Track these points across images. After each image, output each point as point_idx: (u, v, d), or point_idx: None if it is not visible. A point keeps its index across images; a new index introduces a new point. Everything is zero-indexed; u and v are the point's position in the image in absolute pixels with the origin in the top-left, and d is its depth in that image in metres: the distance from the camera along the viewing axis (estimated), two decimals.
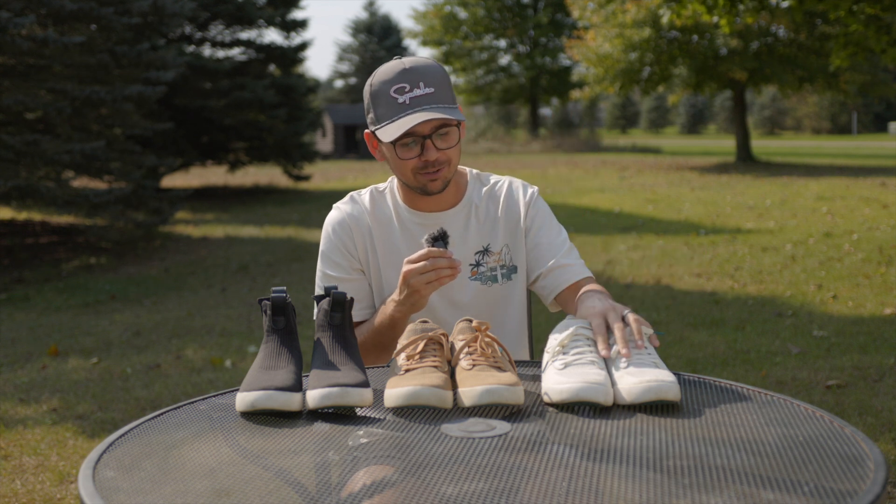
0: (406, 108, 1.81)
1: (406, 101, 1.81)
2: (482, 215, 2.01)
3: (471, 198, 2.02)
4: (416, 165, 1.87)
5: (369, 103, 1.88)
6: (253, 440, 1.37)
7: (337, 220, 2.02)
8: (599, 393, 1.44)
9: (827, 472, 1.17)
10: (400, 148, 1.85)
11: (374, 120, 1.88)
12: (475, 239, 2.00)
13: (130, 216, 10.17)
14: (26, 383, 4.65)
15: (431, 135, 1.83)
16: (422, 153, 1.85)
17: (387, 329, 1.87)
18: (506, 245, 2.00)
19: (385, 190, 2.05)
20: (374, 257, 2.00)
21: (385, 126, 1.84)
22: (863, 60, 10.11)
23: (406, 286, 1.74)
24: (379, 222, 2.01)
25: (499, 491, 1.12)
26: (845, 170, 20.18)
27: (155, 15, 10.37)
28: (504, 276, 2.00)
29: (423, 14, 36.86)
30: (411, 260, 1.72)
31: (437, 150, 1.85)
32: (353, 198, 2.05)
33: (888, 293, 6.27)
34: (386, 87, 1.83)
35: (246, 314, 6.35)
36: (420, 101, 1.81)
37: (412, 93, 1.81)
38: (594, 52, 22.04)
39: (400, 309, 1.81)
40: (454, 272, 1.70)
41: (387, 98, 1.83)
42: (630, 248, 8.93)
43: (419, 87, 1.82)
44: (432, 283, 1.72)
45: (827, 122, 57.83)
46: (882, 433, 3.53)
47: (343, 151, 33.09)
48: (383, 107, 1.84)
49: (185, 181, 19.65)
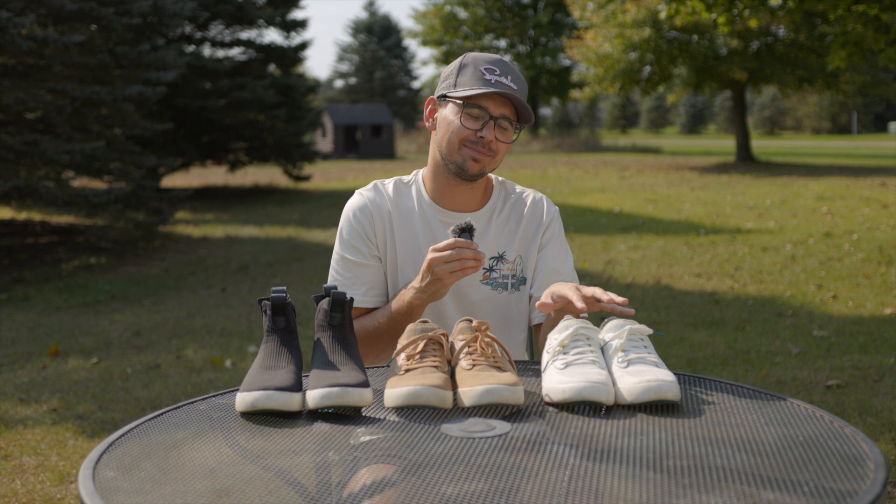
0: (490, 85, 1.87)
1: (492, 80, 1.88)
2: (502, 223, 2.03)
3: (495, 203, 2.04)
4: (469, 137, 1.90)
5: (453, 70, 1.93)
6: (253, 440, 1.37)
7: (358, 205, 2.02)
8: (601, 392, 1.44)
9: (827, 472, 1.17)
10: (466, 115, 1.89)
11: (452, 85, 1.92)
12: (493, 244, 2.01)
13: (130, 216, 10.16)
14: (26, 383, 4.65)
15: (499, 118, 1.88)
16: (482, 129, 1.89)
17: (403, 316, 1.88)
18: (519, 256, 2.02)
19: (410, 182, 2.06)
20: (391, 247, 2.00)
21: (464, 91, 1.88)
22: (860, 61, 10.10)
23: (430, 273, 1.77)
24: (401, 213, 2.01)
25: (499, 491, 1.12)
26: (845, 170, 20.18)
27: (155, 15, 10.37)
28: (513, 287, 2.02)
29: (423, 14, 36.88)
30: (437, 248, 1.75)
31: (494, 135, 1.89)
32: (376, 186, 2.05)
33: (888, 293, 6.27)
34: (479, 63, 1.90)
35: (246, 314, 6.35)
36: (503, 88, 1.87)
37: (500, 78, 1.88)
38: (594, 52, 22.05)
39: (420, 296, 1.83)
40: (478, 264, 1.74)
41: (476, 72, 1.89)
42: (630, 248, 8.93)
43: (507, 78, 1.89)
44: (455, 273, 1.75)
45: (827, 122, 57.83)
46: (882, 433, 3.53)
47: (343, 151, 33.06)
48: (469, 76, 1.89)
49: (185, 181, 19.64)
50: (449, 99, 1.91)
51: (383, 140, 32.81)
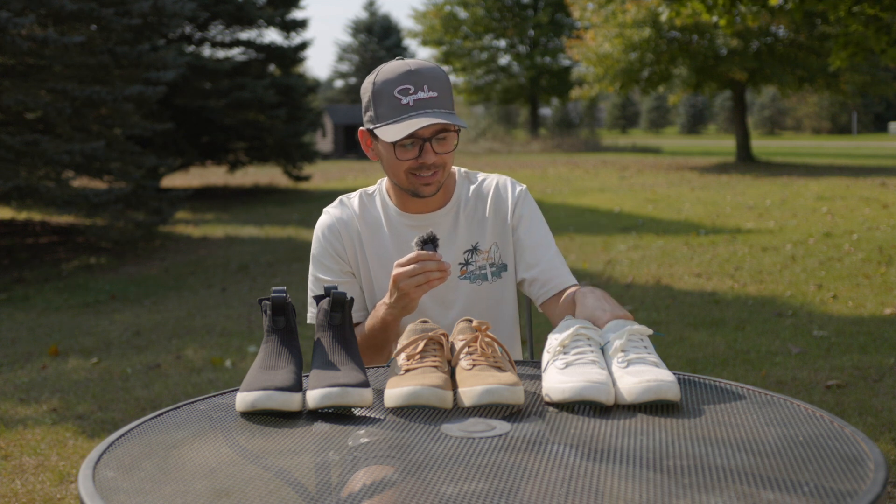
0: (409, 109, 1.81)
1: (409, 103, 1.81)
2: (470, 214, 2.01)
3: (459, 197, 2.02)
4: (411, 167, 1.87)
5: (370, 101, 1.87)
6: (253, 440, 1.37)
7: (326, 224, 2.03)
8: (601, 392, 1.44)
9: (827, 472, 1.17)
10: (399, 149, 1.85)
11: (374, 118, 1.87)
12: (464, 238, 1.99)
13: (130, 216, 10.17)
14: (26, 383, 4.65)
15: (431, 138, 1.83)
16: (419, 155, 1.84)
17: (378, 332, 1.88)
18: (495, 243, 2.00)
19: (374, 192, 2.05)
20: (363, 260, 2.00)
21: (386, 125, 1.83)
22: (862, 61, 10.10)
23: (396, 289, 1.74)
24: (368, 225, 2.01)
25: (499, 491, 1.12)
26: (845, 170, 20.18)
27: (155, 15, 10.37)
28: (494, 275, 2.00)
29: (423, 14, 36.86)
30: (401, 263, 1.72)
31: (434, 154, 1.84)
32: (342, 201, 2.05)
33: (888, 293, 6.27)
34: (389, 87, 1.83)
35: (246, 314, 6.35)
36: (423, 105, 1.81)
37: (416, 95, 1.81)
38: (594, 51, 22.05)
39: (391, 312, 1.81)
40: (443, 275, 1.70)
41: (389, 98, 1.82)
42: (630, 248, 8.93)
43: (423, 90, 1.82)
44: (422, 287, 1.71)
45: (827, 122, 57.82)
46: (882, 433, 3.53)
47: (343, 151, 33.08)
48: (385, 106, 1.83)
49: (185, 181, 19.64)
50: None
51: None
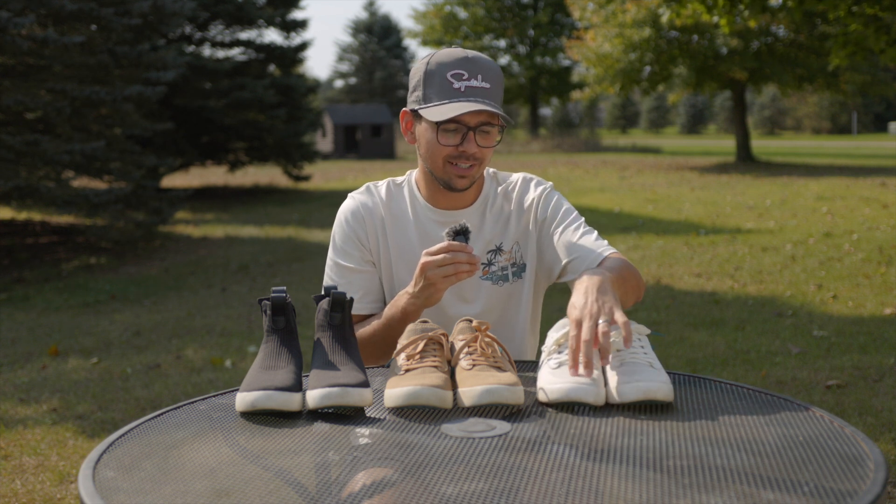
0: (460, 94, 1.79)
1: (461, 88, 1.79)
2: (496, 214, 1.98)
3: (487, 196, 1.99)
4: (451, 154, 1.83)
5: (420, 81, 1.84)
6: (253, 440, 1.36)
7: (351, 209, 1.98)
8: (589, 393, 1.43)
9: (827, 472, 1.17)
10: (442, 133, 1.82)
11: (421, 98, 1.84)
12: (489, 238, 1.97)
13: (130, 216, 10.17)
14: (26, 383, 4.65)
15: (476, 128, 1.81)
16: (461, 143, 1.82)
17: (398, 322, 1.82)
18: (516, 243, 1.98)
19: (402, 183, 2.01)
20: (385, 250, 1.96)
21: (433, 106, 1.80)
22: (862, 60, 10.11)
23: (423, 278, 1.71)
24: (393, 215, 1.97)
25: (499, 491, 1.12)
26: (845, 170, 20.18)
27: (155, 15, 10.37)
28: (514, 275, 1.97)
29: (423, 14, 36.89)
30: (430, 252, 1.69)
31: (476, 146, 1.82)
32: (369, 188, 2.01)
33: (888, 293, 6.27)
34: (443, 70, 1.81)
35: (246, 314, 6.35)
36: (475, 93, 1.79)
37: (469, 82, 1.79)
38: (594, 52, 22.04)
39: (413, 302, 1.77)
40: (473, 268, 1.68)
41: (442, 80, 1.80)
42: (630, 248, 8.93)
43: (477, 78, 1.80)
44: (450, 278, 1.68)
45: (827, 122, 57.84)
46: (882, 433, 3.53)
47: (343, 151, 33.07)
48: (435, 87, 1.81)
49: (185, 181, 19.64)
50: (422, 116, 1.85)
51: (383, 140, 32.83)
